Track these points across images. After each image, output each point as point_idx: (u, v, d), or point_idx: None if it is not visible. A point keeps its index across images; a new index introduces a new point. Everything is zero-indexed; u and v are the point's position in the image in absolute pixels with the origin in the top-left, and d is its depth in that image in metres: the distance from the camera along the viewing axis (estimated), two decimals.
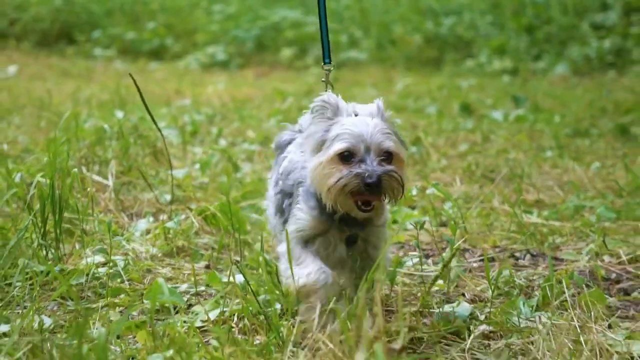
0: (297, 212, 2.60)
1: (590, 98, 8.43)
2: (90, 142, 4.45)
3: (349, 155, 2.43)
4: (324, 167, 2.47)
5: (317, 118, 2.53)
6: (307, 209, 2.58)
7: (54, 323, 2.54)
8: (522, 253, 3.47)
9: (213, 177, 4.50)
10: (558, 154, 5.57)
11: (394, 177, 2.43)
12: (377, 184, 2.39)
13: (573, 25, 11.89)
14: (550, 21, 12.09)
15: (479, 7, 12.80)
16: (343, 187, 2.42)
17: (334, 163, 2.45)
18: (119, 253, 3.29)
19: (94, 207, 3.76)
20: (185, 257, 3.38)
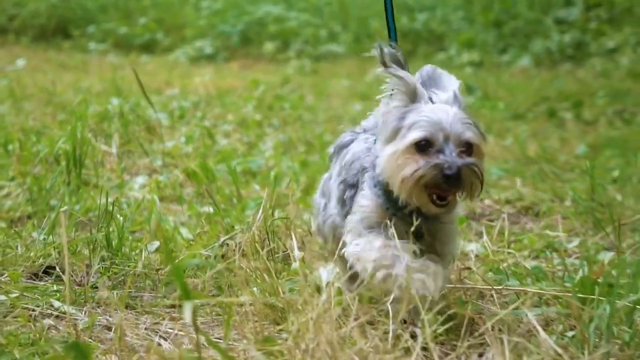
0: (361, 200, 2.56)
1: (538, 87, 9.80)
2: (96, 120, 5.81)
3: (427, 145, 2.38)
4: (398, 157, 2.40)
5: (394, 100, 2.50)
6: (371, 196, 2.54)
7: None
8: None
9: (195, 148, 5.85)
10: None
11: (474, 170, 2.37)
12: (456, 177, 2.33)
13: (538, 20, 13.23)
14: (517, 16, 13.44)
15: (452, 2, 14.17)
16: (419, 178, 2.36)
17: (410, 153, 2.38)
18: (123, 197, 4.65)
19: (103, 167, 5.13)
20: (173, 201, 4.73)
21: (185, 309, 1.90)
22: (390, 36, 3.11)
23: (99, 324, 2.68)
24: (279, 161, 5.60)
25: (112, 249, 3.19)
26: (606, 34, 12.45)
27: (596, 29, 12.57)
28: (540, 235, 4.13)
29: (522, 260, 3.64)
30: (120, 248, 3.23)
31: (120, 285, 3.05)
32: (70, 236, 3.52)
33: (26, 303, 2.78)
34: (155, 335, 2.59)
